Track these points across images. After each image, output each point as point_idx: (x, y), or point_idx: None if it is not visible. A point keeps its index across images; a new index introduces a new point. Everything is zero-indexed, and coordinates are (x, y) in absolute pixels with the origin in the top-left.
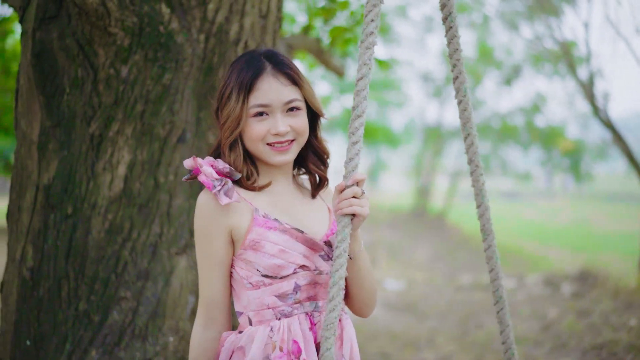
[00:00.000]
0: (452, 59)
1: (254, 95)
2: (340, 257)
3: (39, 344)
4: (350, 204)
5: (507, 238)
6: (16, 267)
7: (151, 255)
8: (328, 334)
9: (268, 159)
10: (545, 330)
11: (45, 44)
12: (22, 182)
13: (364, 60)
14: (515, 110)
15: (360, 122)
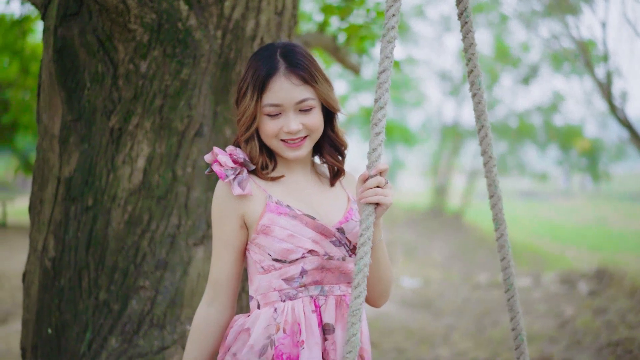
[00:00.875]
0: (467, 53)
1: (267, 94)
2: (365, 245)
3: (60, 332)
4: (375, 193)
5: (525, 237)
6: (38, 257)
7: (169, 246)
8: (354, 319)
9: (282, 153)
10: (561, 328)
11: (67, 40)
12: (44, 175)
13: (385, 54)
14: (533, 109)
15: (382, 113)
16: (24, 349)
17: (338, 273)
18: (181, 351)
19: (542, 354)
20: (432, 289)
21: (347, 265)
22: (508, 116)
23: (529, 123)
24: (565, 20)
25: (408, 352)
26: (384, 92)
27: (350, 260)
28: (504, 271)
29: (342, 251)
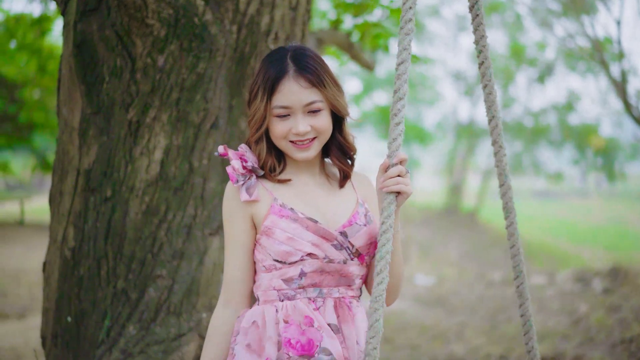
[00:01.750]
0: (478, 45)
1: (276, 97)
2: (387, 233)
3: (80, 320)
4: (397, 182)
5: (540, 236)
6: (58, 247)
7: (186, 235)
8: (377, 305)
9: (291, 154)
10: (575, 325)
11: (86, 35)
12: (64, 166)
13: (403, 46)
14: (548, 108)
15: (402, 104)
16: (44, 337)
17: (338, 276)
18: (197, 338)
19: (555, 351)
20: (446, 286)
21: (347, 268)
22: (523, 115)
23: (544, 122)
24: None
25: (422, 348)
26: (402, 83)
27: (351, 264)
28: (513, 258)
29: (343, 254)
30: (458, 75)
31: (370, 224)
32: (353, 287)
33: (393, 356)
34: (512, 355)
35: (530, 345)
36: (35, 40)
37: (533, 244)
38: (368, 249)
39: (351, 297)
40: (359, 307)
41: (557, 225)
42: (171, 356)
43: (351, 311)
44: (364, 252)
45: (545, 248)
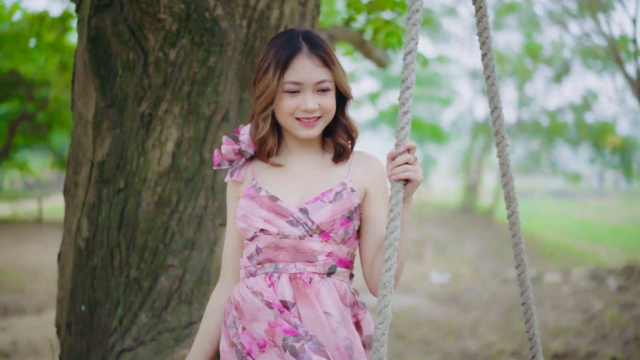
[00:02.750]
0: (482, 37)
1: (289, 72)
2: (395, 220)
3: (93, 309)
4: (405, 169)
5: (558, 236)
6: (72, 238)
7: (197, 226)
8: (385, 292)
9: (295, 132)
10: (589, 322)
11: (100, 30)
12: (78, 159)
13: (411, 36)
14: (565, 107)
15: (409, 93)
16: (59, 326)
17: (294, 252)
18: None
19: (568, 347)
20: (460, 284)
21: (305, 244)
22: (540, 114)
23: (561, 121)
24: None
25: (435, 344)
26: (410, 72)
27: (310, 240)
28: (515, 247)
29: (299, 230)
30: (474, 73)
31: (338, 201)
32: (315, 263)
33: (406, 351)
34: (525, 351)
35: (532, 332)
36: (57, 38)
37: (550, 243)
38: (331, 226)
39: (312, 272)
40: (323, 282)
41: (574, 224)
42: (182, 344)
43: (310, 287)
44: (327, 229)
45: (562, 247)
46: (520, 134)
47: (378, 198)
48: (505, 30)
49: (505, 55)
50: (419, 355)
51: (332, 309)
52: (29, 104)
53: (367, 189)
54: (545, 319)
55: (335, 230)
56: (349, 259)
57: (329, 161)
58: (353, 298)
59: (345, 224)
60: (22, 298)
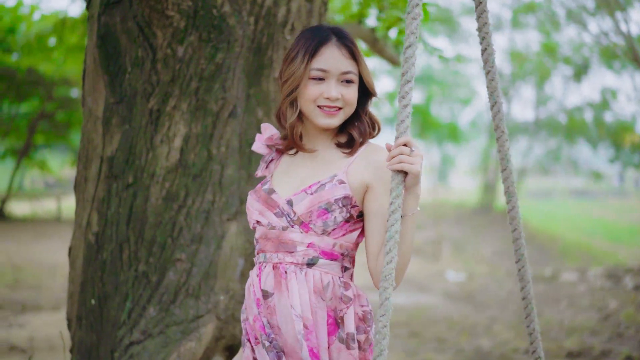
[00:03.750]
0: (481, 32)
1: (317, 59)
2: (395, 213)
3: (103, 302)
4: (400, 160)
5: (577, 235)
6: (82, 232)
7: (204, 220)
8: (386, 284)
9: (316, 119)
10: (604, 321)
11: (109, 27)
12: (88, 154)
13: (411, 30)
14: (584, 105)
15: (409, 86)
16: (70, 319)
17: (277, 242)
18: (215, 320)
19: (582, 345)
20: (476, 282)
21: (287, 235)
22: (558, 112)
23: (580, 119)
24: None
25: (449, 342)
26: (410, 66)
27: (292, 231)
28: (515, 242)
29: (283, 221)
30: None
31: (319, 193)
32: (294, 253)
33: (419, 349)
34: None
35: (532, 327)
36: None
37: (570, 242)
38: (309, 217)
39: (289, 263)
40: (296, 274)
41: (594, 224)
42: (189, 337)
43: (285, 277)
44: (306, 220)
45: (582, 246)
46: (538, 133)
47: (381, 191)
48: (524, 30)
49: (524, 54)
50: (432, 353)
51: (295, 301)
52: (48, 103)
53: (369, 182)
54: (561, 318)
55: (314, 222)
56: (338, 250)
57: (337, 153)
58: (338, 291)
59: (322, 215)
60: (40, 295)
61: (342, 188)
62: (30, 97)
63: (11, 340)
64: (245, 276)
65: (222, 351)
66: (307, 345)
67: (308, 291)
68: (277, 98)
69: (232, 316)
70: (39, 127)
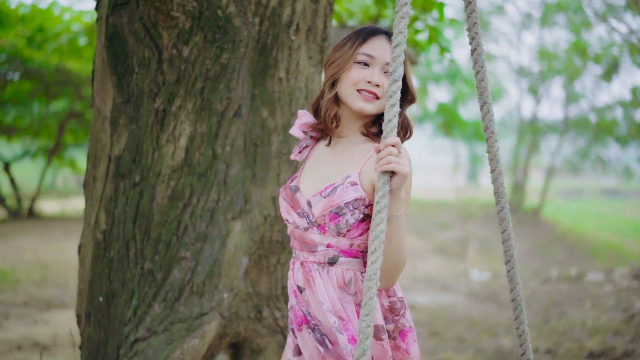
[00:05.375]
0: (471, 32)
1: (366, 45)
2: (381, 212)
3: (110, 300)
4: (388, 161)
5: (607, 235)
6: (91, 231)
7: (209, 219)
8: (371, 284)
9: (353, 103)
10: (628, 321)
11: (117, 28)
12: (97, 154)
13: (399, 29)
14: (614, 104)
15: (397, 86)
16: (79, 316)
17: (302, 241)
18: (218, 317)
19: (604, 346)
20: (500, 282)
21: (307, 235)
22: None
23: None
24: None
25: (469, 342)
26: (398, 65)
27: (312, 232)
28: (504, 243)
29: (304, 222)
30: (521, 71)
31: (330, 197)
32: (316, 253)
33: (439, 348)
34: (560, 349)
35: (522, 329)
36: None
37: (599, 242)
38: (323, 220)
39: (312, 262)
40: (320, 273)
41: (625, 223)
42: (193, 334)
43: (310, 276)
44: (322, 223)
45: (612, 246)
46: (567, 132)
47: None
48: (553, 28)
49: (553, 53)
50: (451, 352)
51: (324, 297)
52: (77, 102)
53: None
54: (584, 318)
55: (328, 225)
56: (357, 249)
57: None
58: (362, 285)
59: (334, 219)
60: (65, 292)
61: (354, 190)
62: (60, 97)
63: (35, 337)
64: (249, 274)
65: (226, 348)
66: (346, 334)
67: (333, 287)
68: (281, 98)
69: (235, 314)
70: (68, 127)
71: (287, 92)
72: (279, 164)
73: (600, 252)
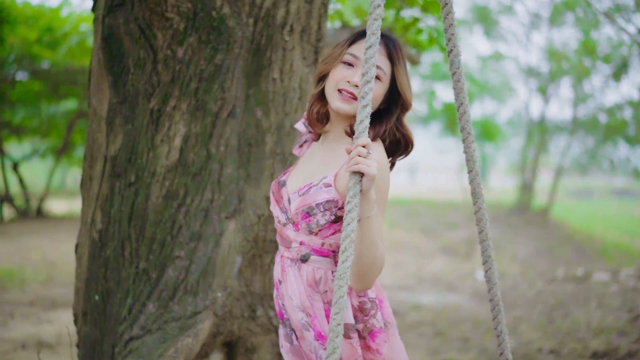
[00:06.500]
0: (447, 33)
1: (354, 46)
2: (351, 212)
3: (106, 298)
4: (357, 162)
5: (617, 235)
6: (87, 230)
7: (203, 219)
8: (341, 282)
9: (332, 102)
10: (633, 322)
11: (113, 28)
12: (93, 154)
13: (372, 31)
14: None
15: (369, 87)
16: (76, 314)
17: (280, 236)
18: (212, 316)
19: (608, 346)
20: (506, 282)
21: (285, 230)
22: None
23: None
24: None
25: (472, 341)
26: (370, 66)
27: (288, 228)
28: (482, 244)
29: (283, 218)
30: (530, 71)
31: (303, 197)
32: (290, 249)
33: (442, 348)
34: (564, 349)
35: (499, 329)
36: None
37: (608, 242)
38: (297, 217)
39: (287, 257)
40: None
41: (635, 224)
42: (187, 333)
43: (284, 270)
44: (296, 220)
45: (621, 247)
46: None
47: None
48: (562, 28)
49: (562, 53)
50: (455, 352)
51: (294, 293)
52: (85, 102)
53: None
54: (589, 318)
55: (300, 223)
56: (328, 248)
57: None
58: (332, 285)
59: (305, 218)
60: (71, 292)
61: (327, 192)
62: (69, 97)
63: (39, 336)
64: (242, 273)
65: (220, 347)
66: (313, 331)
67: (302, 284)
68: (275, 98)
69: (229, 313)
70: (77, 126)
71: (281, 93)
72: (272, 164)
73: (609, 252)
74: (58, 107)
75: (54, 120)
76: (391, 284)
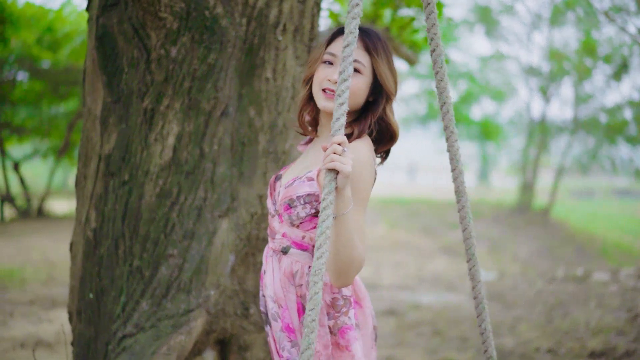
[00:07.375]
0: (430, 33)
1: (332, 44)
2: (327, 209)
3: (100, 297)
4: (331, 159)
5: (618, 235)
6: (82, 228)
7: (196, 217)
8: (316, 279)
9: (318, 102)
10: (632, 321)
11: (107, 28)
12: (88, 153)
13: (350, 29)
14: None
15: (346, 85)
16: (71, 313)
17: (269, 228)
18: (205, 314)
19: (606, 345)
20: (506, 282)
21: (272, 221)
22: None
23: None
24: None
25: (471, 341)
26: (347, 65)
27: (274, 219)
28: (465, 241)
29: (272, 209)
30: (531, 71)
31: (288, 189)
32: (274, 240)
33: (440, 348)
34: (562, 349)
35: (483, 327)
36: None
37: (609, 242)
38: (281, 209)
39: (270, 248)
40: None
41: (636, 224)
42: (180, 330)
43: (267, 260)
44: (280, 212)
45: (622, 247)
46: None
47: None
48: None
49: (563, 53)
50: (453, 352)
51: (270, 283)
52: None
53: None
54: (588, 318)
55: (283, 215)
56: (308, 242)
57: None
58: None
59: (287, 210)
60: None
61: (309, 185)
62: (70, 97)
63: (38, 335)
64: (235, 272)
65: (213, 345)
66: (282, 322)
67: (279, 275)
68: (268, 98)
69: (222, 311)
70: (77, 126)
71: (274, 92)
72: (265, 163)
73: (610, 252)
74: (59, 107)
75: (55, 120)
76: (391, 284)
